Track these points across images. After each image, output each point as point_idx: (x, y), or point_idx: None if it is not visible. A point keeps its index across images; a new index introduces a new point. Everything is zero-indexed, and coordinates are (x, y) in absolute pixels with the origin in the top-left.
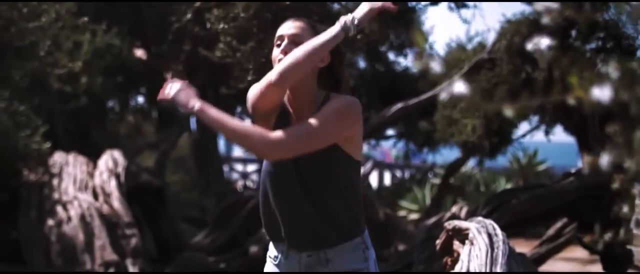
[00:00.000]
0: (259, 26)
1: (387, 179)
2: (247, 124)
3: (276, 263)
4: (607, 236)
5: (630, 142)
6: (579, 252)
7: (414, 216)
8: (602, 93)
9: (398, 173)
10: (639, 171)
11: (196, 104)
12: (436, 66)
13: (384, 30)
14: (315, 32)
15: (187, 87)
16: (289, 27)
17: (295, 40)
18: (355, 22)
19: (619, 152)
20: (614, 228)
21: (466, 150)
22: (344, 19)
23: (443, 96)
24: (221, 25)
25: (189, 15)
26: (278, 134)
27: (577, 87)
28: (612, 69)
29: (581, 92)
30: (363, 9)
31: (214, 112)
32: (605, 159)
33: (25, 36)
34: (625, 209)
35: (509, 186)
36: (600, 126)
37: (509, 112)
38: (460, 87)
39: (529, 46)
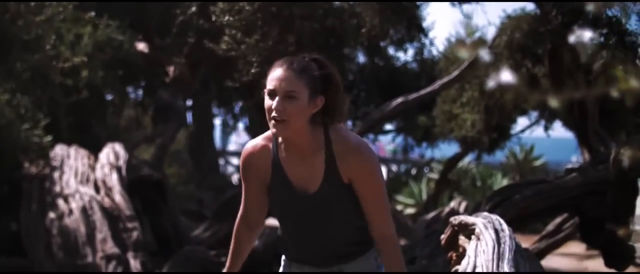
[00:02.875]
0: (264, 19)
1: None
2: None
3: (289, 270)
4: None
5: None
6: (576, 247)
7: (410, 211)
8: None
9: (394, 168)
10: None
11: None
12: (485, 55)
13: (384, 25)
14: (308, 77)
15: None
16: (281, 80)
17: (289, 96)
18: None
19: None
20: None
21: (465, 145)
22: None
23: (491, 84)
24: (226, 18)
25: (193, 8)
26: (391, 234)
27: (622, 80)
28: None
29: (626, 84)
30: None
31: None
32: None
33: (32, 29)
34: None
35: (505, 181)
36: (600, 122)
37: (554, 102)
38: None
39: (572, 39)
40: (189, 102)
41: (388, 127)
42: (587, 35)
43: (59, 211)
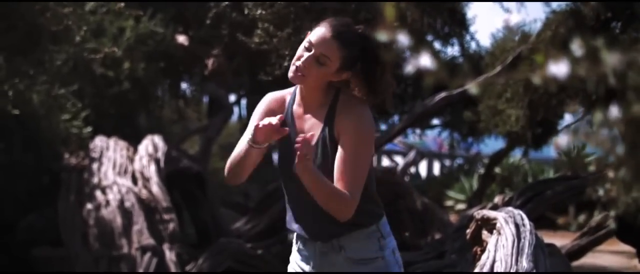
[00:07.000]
0: (296, 12)
1: (437, 168)
2: (338, 190)
3: (297, 249)
4: (581, 218)
5: (591, 123)
6: (625, 245)
7: (461, 206)
8: (558, 70)
9: (447, 163)
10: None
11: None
12: (403, 39)
13: (430, 19)
14: (348, 51)
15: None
16: (321, 42)
17: (320, 61)
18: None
19: (582, 134)
20: (589, 211)
21: (510, 140)
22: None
23: (408, 69)
24: (258, 11)
25: (226, 2)
26: (348, 197)
27: (542, 66)
28: (576, 47)
29: (545, 71)
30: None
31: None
32: (563, 140)
33: (61, 21)
34: (601, 192)
35: None
36: None
37: (474, 89)
38: (426, 61)
39: (501, 23)
40: (243, 93)
41: (435, 122)
42: (513, 19)
43: (96, 202)
